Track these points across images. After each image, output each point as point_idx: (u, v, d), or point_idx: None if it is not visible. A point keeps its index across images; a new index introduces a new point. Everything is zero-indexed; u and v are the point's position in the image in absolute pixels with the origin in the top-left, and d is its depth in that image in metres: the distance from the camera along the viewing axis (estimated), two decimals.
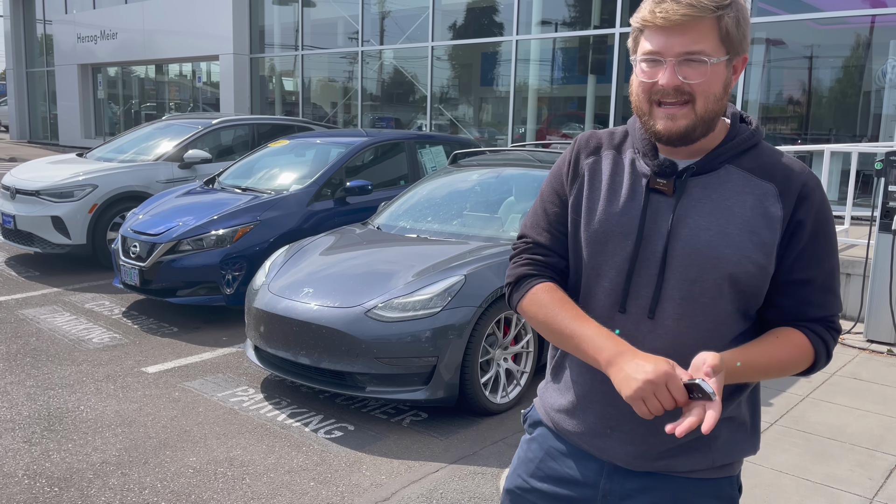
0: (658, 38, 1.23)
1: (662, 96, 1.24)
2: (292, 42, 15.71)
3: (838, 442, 3.54)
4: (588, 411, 1.38)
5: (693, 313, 1.27)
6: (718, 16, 1.21)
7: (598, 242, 1.34)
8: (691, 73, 1.22)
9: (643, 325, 1.29)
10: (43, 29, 23.41)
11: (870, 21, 8.41)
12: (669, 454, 1.33)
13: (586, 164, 1.40)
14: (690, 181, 1.29)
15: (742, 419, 1.38)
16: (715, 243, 1.25)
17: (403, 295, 3.82)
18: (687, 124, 1.24)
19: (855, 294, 5.71)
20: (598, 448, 1.38)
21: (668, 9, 1.20)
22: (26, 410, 3.91)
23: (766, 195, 1.27)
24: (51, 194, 6.96)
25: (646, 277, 1.29)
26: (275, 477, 3.27)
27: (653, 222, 1.29)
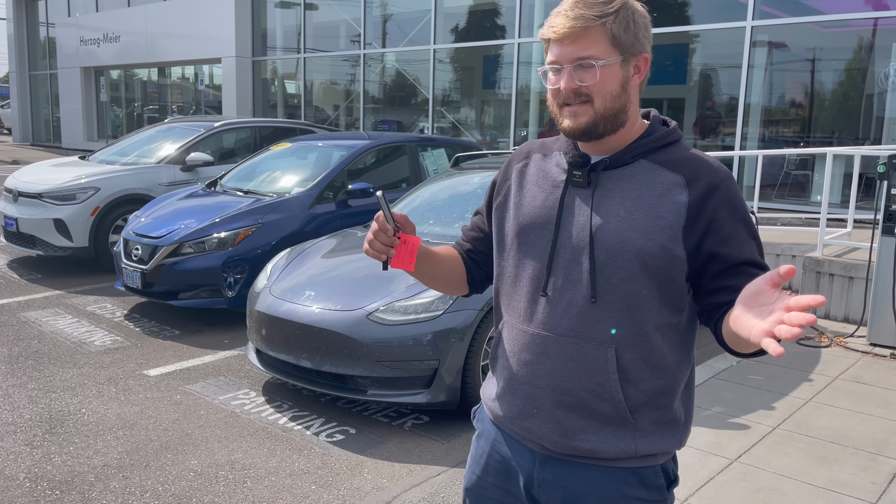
0: (555, 49, 1.38)
1: (566, 99, 1.38)
2: (294, 45, 15.74)
3: (841, 446, 3.53)
4: (515, 394, 1.47)
5: (605, 294, 1.36)
6: (603, 23, 1.35)
7: (524, 233, 1.47)
8: (585, 76, 1.36)
9: (562, 306, 1.40)
10: (46, 32, 23.48)
11: (872, 24, 8.40)
12: (591, 432, 1.40)
13: (515, 169, 1.56)
14: (604, 174, 1.41)
15: (675, 415, 1.43)
16: (623, 228, 1.36)
17: (405, 298, 3.82)
18: (587, 120, 1.37)
19: (857, 298, 5.69)
20: (527, 430, 1.46)
21: (558, 23, 1.36)
22: (28, 413, 3.91)
23: (673, 185, 1.37)
24: (53, 197, 6.97)
25: (563, 262, 1.40)
26: (276, 480, 3.27)
27: (570, 213, 1.41)
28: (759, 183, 7.68)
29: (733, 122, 9.47)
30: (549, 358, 1.41)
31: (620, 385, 1.37)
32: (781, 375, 4.51)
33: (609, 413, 1.38)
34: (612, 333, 1.37)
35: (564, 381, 1.40)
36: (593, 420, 1.39)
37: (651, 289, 1.36)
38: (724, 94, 9.82)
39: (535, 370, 1.43)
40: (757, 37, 9.23)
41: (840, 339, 5.30)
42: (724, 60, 9.79)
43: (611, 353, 1.37)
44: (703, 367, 4.63)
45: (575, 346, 1.38)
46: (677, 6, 10.20)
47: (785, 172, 9.36)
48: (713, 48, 9.96)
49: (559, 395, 1.40)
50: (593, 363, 1.37)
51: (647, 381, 1.39)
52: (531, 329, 1.44)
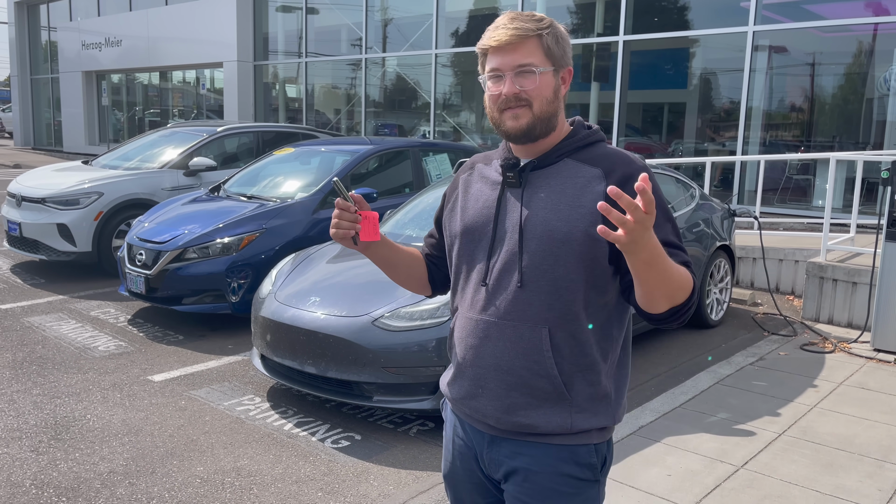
0: (496, 58, 1.51)
1: (506, 104, 1.51)
2: (296, 49, 15.76)
3: (847, 453, 3.53)
4: (464, 376, 1.60)
5: (537, 279, 1.50)
6: (539, 35, 1.51)
7: (469, 232, 1.61)
8: (525, 82, 1.50)
9: (500, 293, 1.53)
10: (48, 36, 23.52)
11: (873, 29, 8.42)
12: (531, 408, 1.52)
13: (461, 179, 1.72)
14: (533, 174, 1.56)
15: (605, 391, 1.54)
16: (549, 218, 1.50)
17: (410, 304, 3.82)
18: (528, 122, 1.51)
19: (861, 303, 5.70)
20: (474, 409, 1.58)
21: (500, 34, 1.50)
22: (33, 419, 3.91)
23: (593, 177, 1.51)
24: (56, 202, 6.97)
25: (501, 254, 1.55)
26: (282, 487, 3.27)
27: (505, 210, 1.56)
28: (761, 187, 7.69)
29: (735, 126, 9.48)
30: (491, 340, 1.54)
31: (555, 362, 1.50)
32: (786, 381, 4.51)
33: (547, 389, 1.51)
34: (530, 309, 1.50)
35: (505, 360, 1.52)
36: (533, 397, 1.52)
37: (578, 272, 1.48)
38: (725, 99, 9.84)
39: (479, 352, 1.56)
40: (758, 42, 9.24)
41: (844, 344, 5.30)
42: (725, 65, 9.81)
43: (545, 333, 1.50)
44: (707, 373, 4.63)
45: (512, 328, 1.51)
46: (678, 11, 10.22)
47: (787, 177, 9.37)
48: (714, 52, 9.98)
49: (502, 375, 1.53)
50: (529, 343, 1.50)
51: (579, 357, 1.51)
52: (476, 316, 1.57)
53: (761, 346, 5.26)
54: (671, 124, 10.51)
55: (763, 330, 5.79)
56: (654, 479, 3.22)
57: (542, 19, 1.53)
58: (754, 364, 4.84)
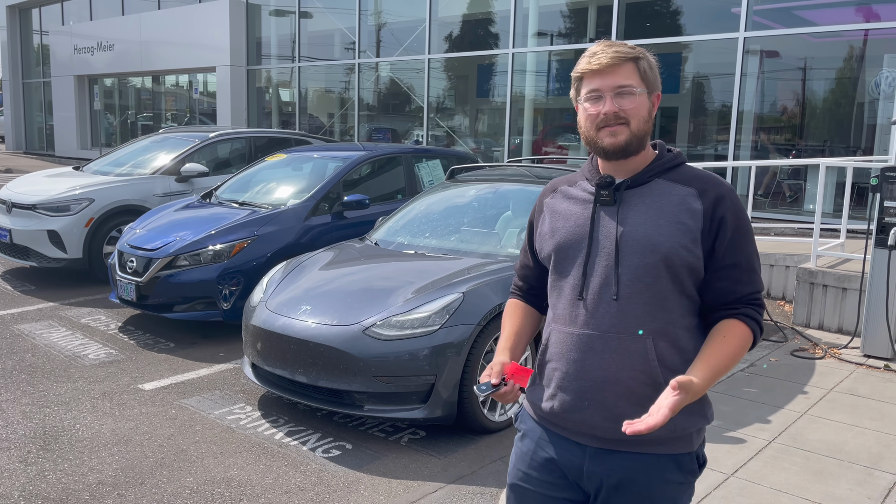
0: (595, 80, 1.62)
1: (605, 122, 1.61)
2: (289, 53, 15.75)
3: (837, 460, 3.54)
4: (567, 390, 1.65)
5: (638, 291, 1.59)
6: (636, 59, 1.63)
7: (563, 251, 1.69)
8: (624, 102, 1.61)
9: (600, 307, 1.61)
10: (40, 40, 23.44)
11: (863, 35, 8.47)
12: (637, 416, 1.57)
13: (546, 203, 1.81)
14: (627, 192, 1.65)
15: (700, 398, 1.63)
16: (650, 234, 1.59)
17: (401, 313, 3.82)
18: (626, 138, 1.61)
19: (851, 309, 5.72)
20: (579, 422, 1.64)
21: (601, 57, 1.61)
22: (22, 429, 3.89)
23: (687, 195, 1.62)
24: (47, 208, 6.94)
25: (598, 269, 1.63)
26: (272, 498, 3.26)
27: (600, 227, 1.65)
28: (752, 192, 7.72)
29: (726, 130, 9.52)
30: (596, 353, 1.61)
31: (660, 370, 1.59)
32: (776, 388, 4.53)
33: (653, 397, 1.57)
34: (640, 334, 1.59)
35: (612, 372, 1.59)
36: (639, 406, 1.58)
37: (677, 283, 1.60)
38: (716, 103, 9.88)
39: (584, 366, 1.62)
40: (749, 47, 9.28)
41: (834, 350, 5.32)
42: (716, 70, 9.85)
43: (649, 343, 1.59)
44: None
45: (617, 339, 1.59)
46: (670, 16, 10.26)
47: (777, 182, 9.41)
48: (706, 57, 10.02)
49: (610, 386, 1.60)
50: (636, 353, 1.58)
51: (680, 364, 1.61)
52: (577, 330, 1.63)
53: (752, 353, 5.28)
54: (663, 128, 10.55)
55: None
56: None
57: (636, 47, 1.65)
58: (745, 370, 4.85)
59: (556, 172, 5.31)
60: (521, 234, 4.71)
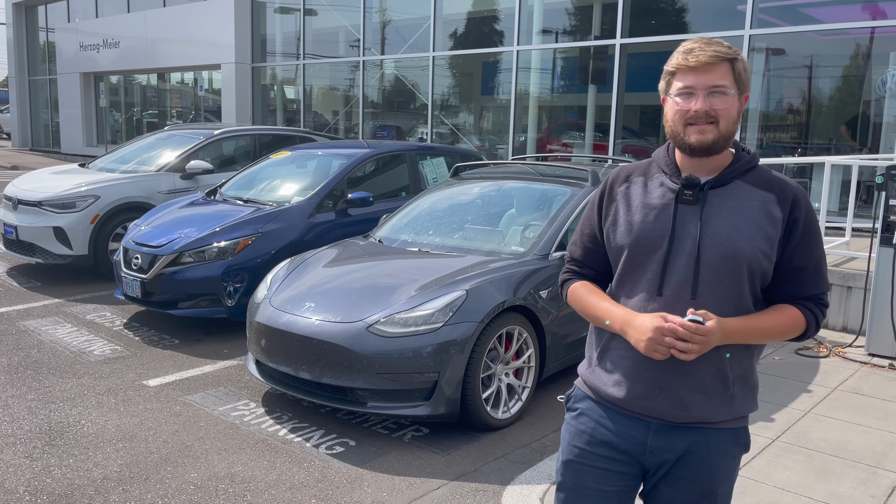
0: (690, 76, 1.64)
1: (695, 120, 1.63)
2: (294, 51, 15.76)
3: (840, 458, 3.54)
4: (638, 379, 1.71)
5: (717, 292, 1.65)
6: (733, 60, 1.65)
7: (640, 245, 1.70)
8: (716, 102, 1.63)
9: (678, 303, 1.66)
10: (45, 37, 23.50)
11: (870, 32, 8.43)
12: (706, 405, 1.68)
13: (620, 191, 1.80)
14: (710, 192, 1.68)
15: (755, 381, 1.77)
16: (733, 238, 1.64)
17: (405, 310, 3.83)
18: (714, 138, 1.64)
19: (856, 307, 5.71)
20: (648, 408, 1.71)
21: (699, 55, 1.63)
22: (27, 424, 3.91)
23: (768, 201, 1.67)
24: (53, 205, 6.97)
25: (679, 267, 1.66)
26: (276, 494, 3.27)
27: (682, 226, 1.68)
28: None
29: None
30: None
31: (729, 364, 1.68)
32: (780, 386, 4.52)
33: (719, 387, 1.69)
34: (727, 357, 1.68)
35: (686, 365, 1.66)
36: (706, 394, 1.69)
37: (749, 284, 1.66)
38: None
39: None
40: (755, 45, 9.25)
41: (838, 349, 5.31)
42: None
43: None
44: None
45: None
46: (675, 14, 10.23)
47: None
48: None
49: (682, 378, 1.68)
50: (710, 350, 1.64)
51: (744, 359, 1.71)
52: None
53: None
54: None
55: None
56: None
57: (732, 47, 1.66)
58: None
59: (559, 170, 5.31)
60: (525, 232, 4.71)
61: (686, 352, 1.58)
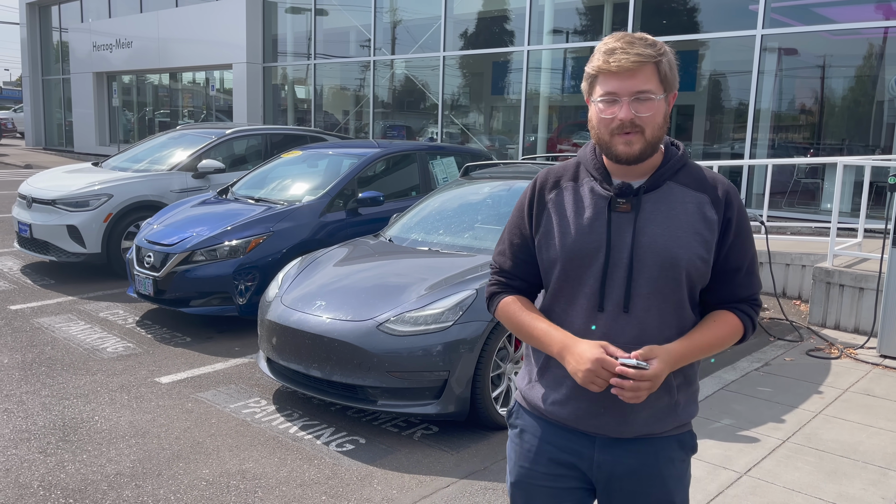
0: (612, 82, 1.53)
1: (621, 129, 1.54)
2: (305, 51, 15.82)
3: (851, 460, 3.53)
4: (581, 398, 1.63)
5: (658, 303, 1.58)
6: (657, 61, 1.54)
7: (575, 258, 1.61)
8: (641, 108, 1.53)
9: (620, 318, 1.58)
10: (59, 37, 23.69)
11: (883, 32, 8.38)
12: (651, 419, 1.63)
13: (550, 199, 1.68)
14: (643, 198, 1.60)
15: (695, 387, 1.72)
16: (670, 245, 1.56)
17: (415, 309, 3.84)
18: (641, 148, 1.55)
19: (868, 309, 5.67)
20: (593, 426, 1.64)
21: (620, 58, 1.52)
22: (41, 420, 3.95)
23: (702, 203, 1.60)
24: (66, 203, 7.04)
25: (617, 280, 1.58)
26: (287, 490, 3.29)
27: (618, 236, 1.59)
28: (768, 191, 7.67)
29: (743, 128, 9.46)
30: None
31: (672, 376, 1.62)
32: (791, 387, 4.51)
33: (664, 399, 1.63)
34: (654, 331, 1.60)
35: None
36: (651, 409, 1.63)
37: (688, 291, 1.61)
38: (733, 101, 9.81)
39: None
40: (767, 45, 9.21)
41: (850, 350, 5.29)
42: (733, 67, 9.78)
43: None
44: (711, 378, 4.63)
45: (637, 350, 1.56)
46: (687, 14, 10.20)
47: (795, 180, 9.34)
48: (723, 55, 9.95)
49: None
50: None
51: (687, 367, 1.66)
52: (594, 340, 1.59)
53: (767, 352, 5.25)
54: (679, 126, 10.49)
55: (769, 335, 5.78)
56: None
57: (656, 44, 1.56)
58: (759, 370, 4.84)
59: None
60: None
61: (634, 398, 1.50)
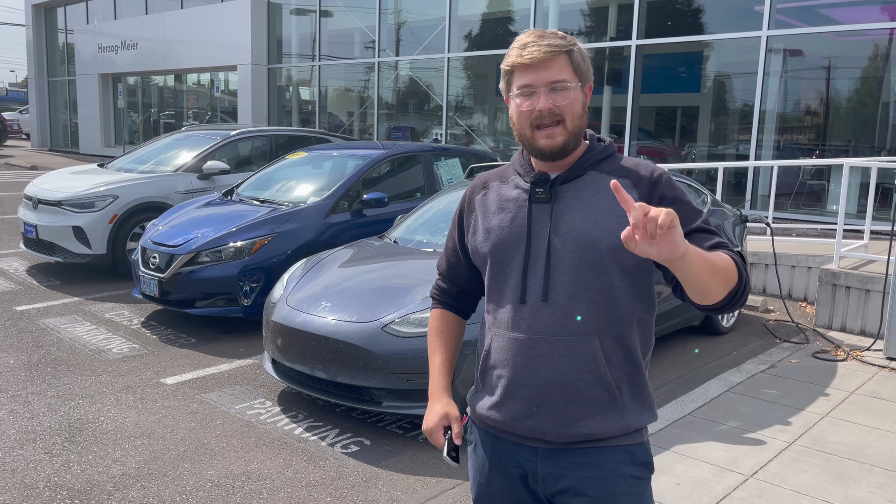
0: (528, 75, 1.53)
1: (540, 120, 1.53)
2: (309, 52, 15.84)
3: (858, 462, 3.51)
4: (515, 397, 1.57)
5: (583, 291, 1.52)
6: (569, 52, 1.55)
7: (500, 252, 1.60)
8: (559, 98, 1.53)
9: (544, 309, 1.53)
10: (65, 38, 23.77)
11: (889, 33, 8.36)
12: (591, 420, 1.54)
13: (477, 199, 1.70)
14: (562, 188, 1.58)
15: (647, 391, 1.61)
16: (589, 230, 1.52)
17: (420, 310, 3.84)
18: (563, 140, 1.54)
19: (874, 310, 5.65)
20: (529, 429, 1.57)
21: (533, 51, 1.52)
22: (47, 421, 3.96)
23: (623, 186, 1.52)
24: (72, 204, 7.05)
25: (539, 271, 1.55)
26: (292, 492, 3.30)
27: (538, 226, 1.56)
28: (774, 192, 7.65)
29: (748, 129, 9.44)
30: (544, 357, 1.53)
31: (608, 369, 1.53)
32: (797, 389, 4.49)
33: (602, 397, 1.53)
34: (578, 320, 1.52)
35: (561, 375, 1.53)
36: (589, 406, 1.53)
37: (622, 279, 1.53)
38: (738, 102, 9.80)
39: (532, 371, 1.55)
40: (772, 45, 9.19)
41: (856, 352, 5.27)
42: (739, 68, 9.76)
43: (596, 343, 1.52)
44: (717, 381, 4.62)
45: (564, 342, 1.52)
46: (692, 15, 10.19)
47: (800, 182, 9.31)
48: (728, 56, 9.94)
49: (559, 389, 1.53)
50: (583, 354, 1.52)
51: (626, 362, 1.56)
52: (521, 335, 1.55)
53: (773, 354, 5.24)
54: (684, 128, 10.48)
55: (775, 337, 5.77)
56: (662, 488, 3.22)
57: (567, 37, 1.57)
58: (765, 372, 4.82)
59: None
60: None
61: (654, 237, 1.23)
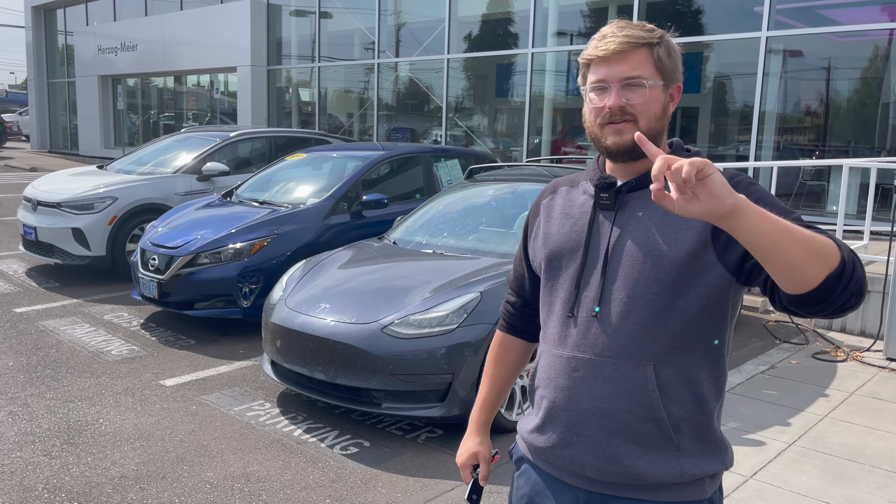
0: (602, 68, 1.39)
1: (610, 118, 1.39)
2: (309, 53, 15.85)
3: (857, 463, 3.51)
4: (556, 422, 1.43)
5: (638, 309, 1.35)
6: (650, 45, 1.39)
7: (555, 259, 1.48)
8: (632, 96, 1.38)
9: (592, 326, 1.39)
10: (64, 40, 23.79)
11: (888, 34, 8.36)
12: (635, 456, 1.36)
13: (543, 204, 1.58)
14: (630, 196, 1.42)
15: (715, 433, 1.40)
16: (652, 242, 1.35)
17: (420, 311, 3.84)
18: (632, 138, 1.36)
19: (874, 311, 5.65)
20: (567, 459, 1.42)
21: (609, 42, 1.38)
22: (46, 423, 3.96)
23: None
24: (71, 206, 7.05)
25: (593, 283, 1.40)
26: (291, 493, 3.29)
27: (598, 235, 1.42)
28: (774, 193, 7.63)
29: (748, 130, 9.44)
30: (587, 380, 1.38)
31: (662, 403, 1.34)
32: (797, 390, 4.49)
33: (653, 434, 1.35)
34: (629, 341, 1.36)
35: (605, 403, 1.36)
36: (637, 444, 1.36)
37: (688, 300, 1.33)
38: (738, 103, 9.80)
39: (573, 395, 1.39)
40: (772, 46, 9.20)
41: (856, 353, 5.26)
42: (738, 69, 9.77)
43: (650, 371, 1.34)
44: None
45: (612, 365, 1.36)
46: (692, 16, 10.19)
47: (800, 182, 9.31)
48: (728, 57, 9.94)
49: (601, 419, 1.37)
50: (633, 382, 1.34)
51: (688, 396, 1.36)
52: (566, 353, 1.41)
53: (772, 355, 5.23)
54: (684, 129, 10.48)
55: (774, 338, 5.76)
56: None
57: (654, 29, 1.42)
58: (765, 373, 4.82)
59: (570, 172, 5.30)
60: None
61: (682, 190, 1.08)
